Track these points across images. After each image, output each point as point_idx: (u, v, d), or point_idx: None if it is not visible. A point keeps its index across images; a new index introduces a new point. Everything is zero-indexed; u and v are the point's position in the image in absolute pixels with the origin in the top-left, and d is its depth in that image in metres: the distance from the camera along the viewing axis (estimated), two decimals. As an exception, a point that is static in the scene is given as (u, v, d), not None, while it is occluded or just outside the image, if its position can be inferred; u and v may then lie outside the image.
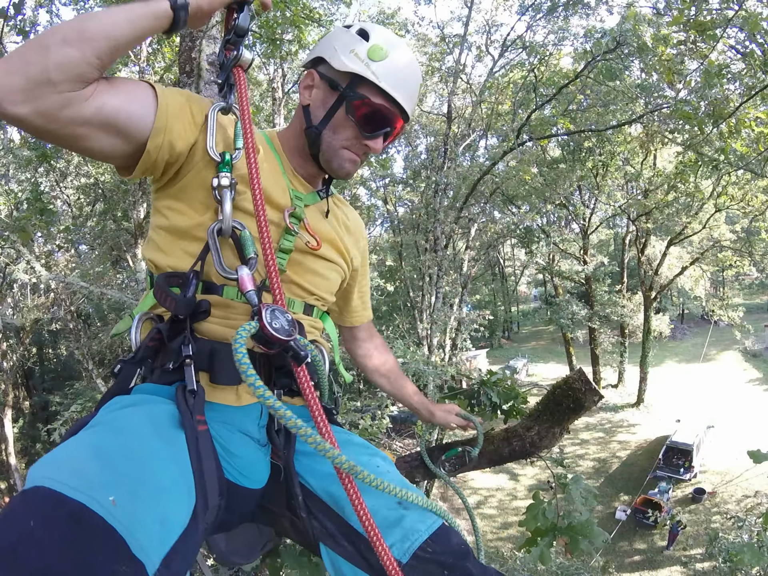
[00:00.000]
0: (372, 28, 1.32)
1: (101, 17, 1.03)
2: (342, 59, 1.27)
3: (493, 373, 2.19)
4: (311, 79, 1.34)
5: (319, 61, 1.34)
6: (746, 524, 7.25)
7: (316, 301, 1.45)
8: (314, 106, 1.33)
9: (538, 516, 1.96)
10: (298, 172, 1.40)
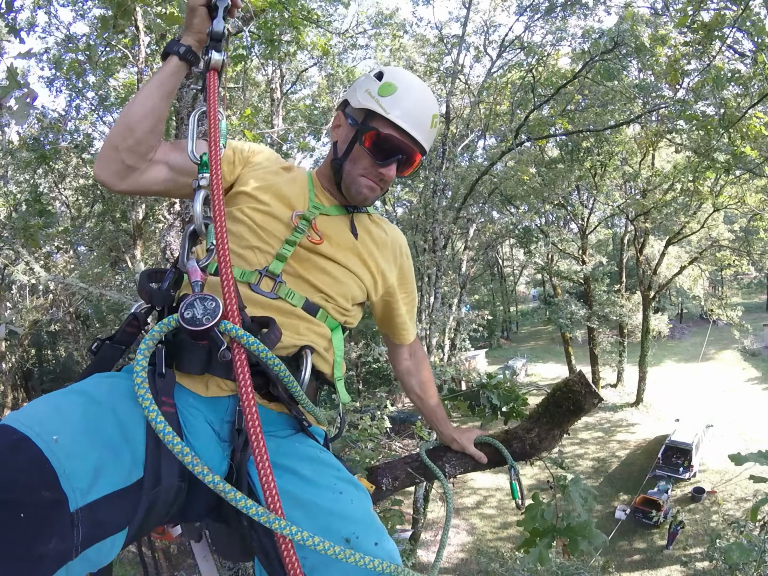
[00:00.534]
0: (388, 70, 1.52)
1: (136, 101, 1.36)
2: (358, 98, 1.49)
3: (493, 376, 2.20)
4: (339, 119, 1.57)
5: (346, 103, 1.55)
6: (747, 528, 7.29)
7: (325, 301, 1.48)
8: (340, 142, 1.54)
9: (537, 517, 1.97)
10: (325, 188, 1.61)
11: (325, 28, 12.29)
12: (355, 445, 6.13)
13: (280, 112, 16.18)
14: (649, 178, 20.86)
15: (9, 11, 3.24)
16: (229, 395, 1.28)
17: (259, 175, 1.55)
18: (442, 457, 1.98)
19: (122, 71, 14.28)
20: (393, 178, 1.52)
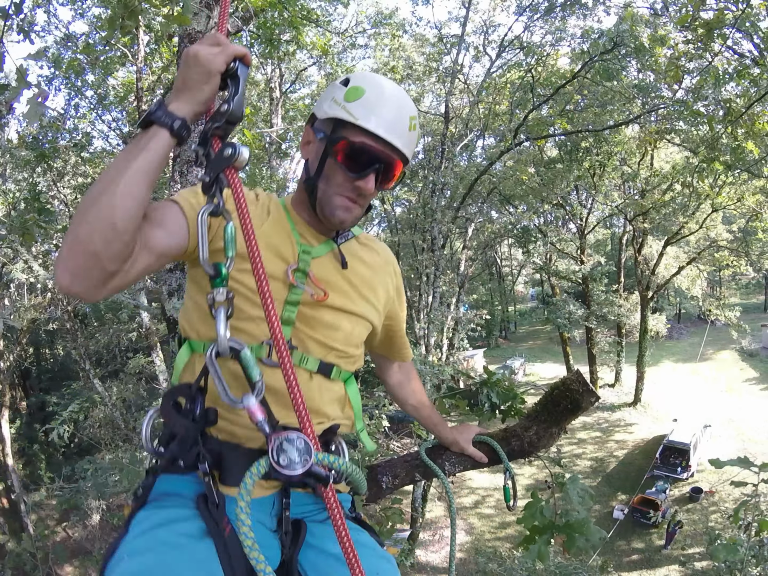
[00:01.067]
0: (355, 75, 1.35)
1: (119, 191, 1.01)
2: (324, 108, 1.32)
3: (493, 374, 2.21)
4: (308, 135, 1.39)
5: (314, 117, 1.38)
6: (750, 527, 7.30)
7: (338, 358, 1.40)
8: (311, 160, 1.37)
9: (536, 514, 1.98)
10: (309, 224, 1.42)
11: (325, 28, 12.30)
12: (354, 445, 6.14)
13: (279, 111, 16.19)
14: (648, 179, 20.89)
15: (18, 12, 3.24)
16: (273, 493, 1.29)
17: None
18: (441, 455, 1.99)
19: (121, 70, 14.28)
20: (373, 192, 1.34)
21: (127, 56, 11.99)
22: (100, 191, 1.01)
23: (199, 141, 1.15)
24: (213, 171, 1.11)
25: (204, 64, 1.07)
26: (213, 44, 1.10)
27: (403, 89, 1.42)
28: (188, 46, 3.74)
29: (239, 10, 5.09)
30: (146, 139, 1.06)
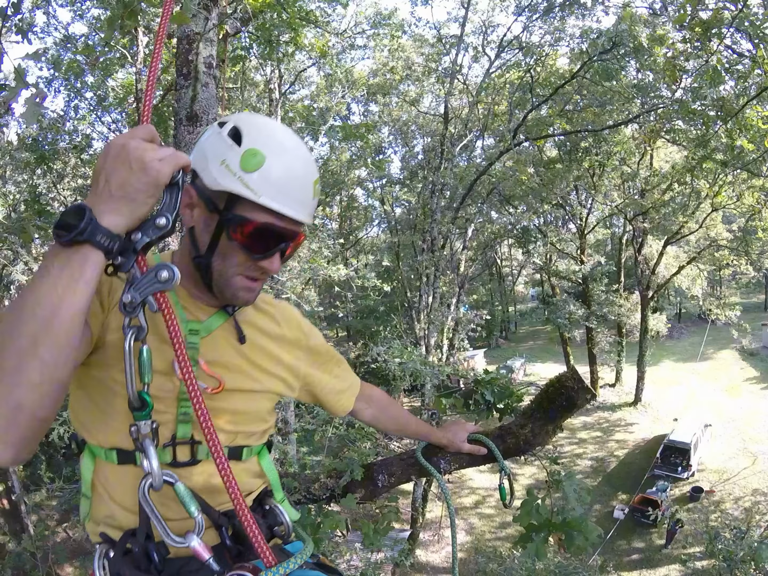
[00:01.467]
0: (247, 126, 1.10)
1: (58, 343, 0.84)
2: (213, 175, 1.07)
3: (488, 372, 2.22)
4: (190, 195, 1.11)
5: (194, 173, 1.12)
6: (757, 526, 7.32)
7: (246, 439, 1.30)
8: (198, 230, 1.13)
9: (532, 512, 1.98)
10: (194, 296, 1.22)
11: (324, 29, 12.31)
12: (353, 444, 6.14)
13: (279, 112, 16.18)
14: (648, 178, 20.90)
15: (16, 13, 3.25)
16: None
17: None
18: (437, 453, 1.99)
19: (120, 71, 14.30)
20: (278, 271, 1.19)
21: (127, 57, 12.02)
22: (35, 341, 0.82)
23: (119, 250, 0.93)
24: (141, 293, 0.95)
25: (152, 174, 0.89)
26: (154, 145, 0.92)
27: (302, 143, 1.20)
28: (186, 47, 3.77)
29: (238, 12, 5.09)
30: (79, 264, 0.86)
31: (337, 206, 28.64)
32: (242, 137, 1.08)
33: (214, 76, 3.85)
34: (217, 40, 4.07)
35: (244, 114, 1.23)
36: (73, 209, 0.86)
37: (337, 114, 18.62)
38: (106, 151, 0.91)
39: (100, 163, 0.90)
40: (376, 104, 22.32)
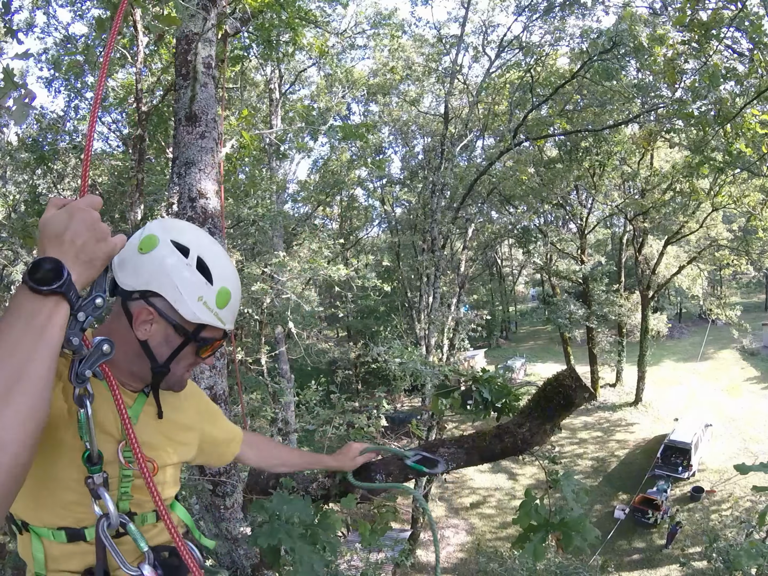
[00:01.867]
0: (209, 259, 1.25)
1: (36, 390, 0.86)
2: (192, 309, 1.22)
3: (486, 371, 2.21)
4: (148, 314, 1.21)
5: (154, 295, 1.21)
6: (755, 529, 7.31)
7: (170, 500, 1.47)
8: (156, 343, 1.24)
9: (531, 512, 1.98)
10: (123, 383, 1.30)
11: (324, 29, 12.30)
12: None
13: (279, 112, 16.20)
14: (648, 178, 20.88)
15: (7, 13, 3.24)
16: None
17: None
18: (434, 453, 1.99)
19: (121, 72, 14.29)
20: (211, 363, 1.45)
21: (127, 58, 12.00)
22: (9, 388, 0.82)
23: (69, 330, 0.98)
24: (91, 366, 1.06)
25: (111, 246, 1.00)
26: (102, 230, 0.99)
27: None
28: (185, 47, 3.77)
29: (237, 12, 5.09)
30: (50, 313, 0.90)
31: (338, 206, 28.63)
32: (210, 273, 1.25)
33: (213, 76, 3.84)
34: (217, 40, 4.06)
35: (190, 233, 1.29)
36: (49, 262, 0.90)
37: (338, 114, 18.63)
38: (70, 212, 0.96)
39: (63, 221, 0.95)
40: (376, 104, 22.34)
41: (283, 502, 1.84)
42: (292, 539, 1.77)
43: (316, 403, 7.87)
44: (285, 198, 19.48)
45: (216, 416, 1.69)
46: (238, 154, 9.07)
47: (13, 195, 14.24)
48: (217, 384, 3.53)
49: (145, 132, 11.57)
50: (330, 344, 22.37)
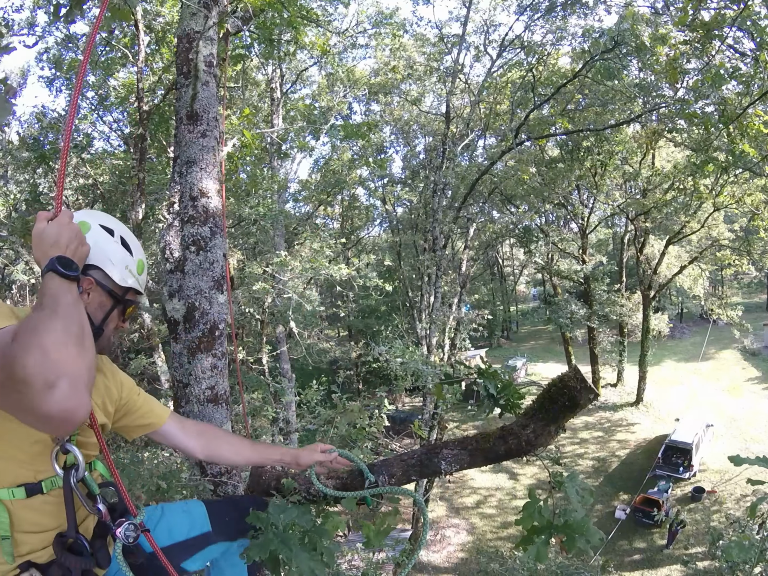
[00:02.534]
0: (126, 236, 1.62)
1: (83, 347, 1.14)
2: (121, 275, 1.56)
3: (490, 366, 2.19)
4: (89, 283, 1.50)
5: (92, 267, 1.51)
6: (748, 526, 7.29)
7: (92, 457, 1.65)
8: (92, 308, 1.51)
9: (534, 514, 1.96)
10: None
11: (325, 28, 12.28)
12: (354, 445, 6.12)
13: (280, 111, 16.18)
14: (650, 178, 20.85)
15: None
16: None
17: None
18: (437, 454, 1.98)
19: (122, 71, 14.29)
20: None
21: (128, 57, 12.01)
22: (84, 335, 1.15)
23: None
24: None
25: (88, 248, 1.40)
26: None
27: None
28: (186, 45, 3.75)
29: (239, 10, 5.07)
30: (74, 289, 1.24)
31: (339, 206, 28.62)
32: (130, 247, 1.62)
33: (215, 74, 3.83)
34: (218, 39, 4.05)
35: (110, 219, 1.65)
36: (66, 259, 1.25)
37: (339, 113, 18.61)
38: (60, 225, 1.32)
39: (56, 232, 1.31)
40: (377, 103, 22.32)
41: (279, 511, 1.83)
42: (288, 548, 1.76)
43: (317, 403, 7.87)
44: (286, 197, 19.47)
45: (138, 390, 1.86)
46: (239, 153, 9.05)
47: (14, 194, 14.23)
48: (219, 384, 3.52)
49: (146, 131, 11.58)
50: (331, 344, 22.37)
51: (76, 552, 1.45)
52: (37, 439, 1.36)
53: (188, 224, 3.51)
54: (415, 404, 27.80)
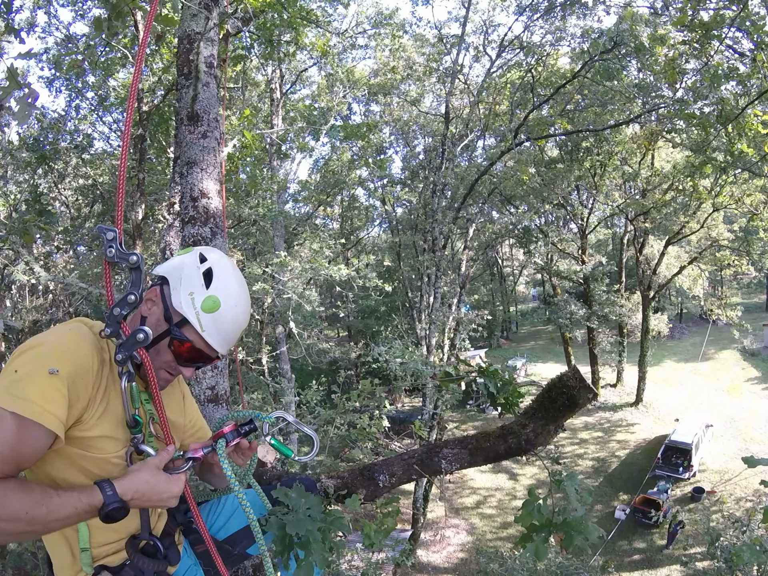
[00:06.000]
0: (218, 272, 1.47)
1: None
2: (180, 298, 1.43)
3: (490, 365, 2.20)
4: (155, 295, 1.47)
5: (164, 281, 1.47)
6: (749, 527, 7.29)
7: None
8: (151, 322, 1.45)
9: (534, 512, 1.97)
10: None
11: (325, 28, 12.29)
12: (355, 445, 6.13)
13: (280, 112, 16.19)
14: (649, 178, 20.86)
15: (9, 12, 3.24)
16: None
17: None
18: (438, 454, 1.99)
19: (122, 71, 14.29)
20: (189, 377, 1.62)
21: (128, 57, 12.00)
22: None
23: (108, 323, 1.36)
24: (127, 350, 1.34)
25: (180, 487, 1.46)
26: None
27: (248, 295, 1.59)
28: (187, 46, 3.76)
29: (239, 11, 5.09)
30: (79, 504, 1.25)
31: (338, 206, 28.63)
32: (212, 281, 1.45)
33: (215, 75, 3.84)
34: (218, 40, 4.06)
35: (221, 257, 1.54)
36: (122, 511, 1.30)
37: (339, 114, 18.61)
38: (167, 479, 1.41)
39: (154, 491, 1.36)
40: (377, 104, 22.33)
41: (301, 496, 1.84)
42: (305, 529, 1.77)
43: (316, 403, 7.87)
44: (286, 198, 19.48)
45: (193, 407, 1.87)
46: (239, 153, 9.06)
47: (14, 194, 14.22)
48: (219, 384, 3.53)
49: (146, 132, 11.58)
50: (331, 344, 22.34)
51: (149, 554, 1.50)
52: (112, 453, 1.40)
53: (189, 225, 3.52)
54: (414, 404, 27.79)
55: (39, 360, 1.23)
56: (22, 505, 1.14)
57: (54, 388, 1.22)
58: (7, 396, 1.17)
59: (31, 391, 1.18)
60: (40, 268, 10.00)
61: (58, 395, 1.22)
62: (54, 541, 1.45)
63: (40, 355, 1.25)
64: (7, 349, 17.59)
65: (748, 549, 3.95)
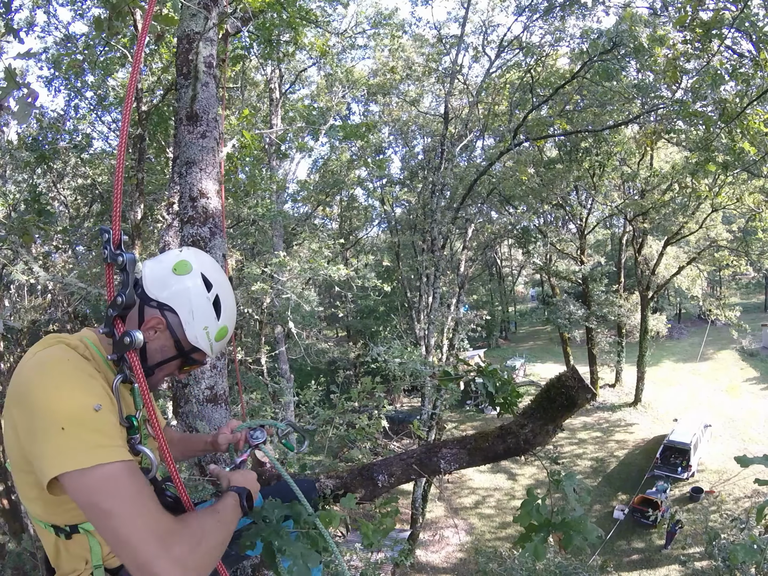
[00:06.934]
0: (224, 297, 1.55)
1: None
2: (195, 333, 1.48)
3: (489, 365, 2.20)
4: (157, 322, 1.46)
5: (170, 310, 1.46)
6: (747, 526, 7.31)
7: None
8: (152, 349, 1.47)
9: (532, 512, 1.97)
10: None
11: (324, 28, 12.29)
12: (354, 445, 6.13)
13: (279, 112, 16.19)
14: (648, 179, 20.87)
15: (8, 12, 3.24)
16: None
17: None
18: (436, 454, 1.99)
19: (121, 71, 14.28)
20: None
21: (127, 57, 11.99)
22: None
23: (105, 323, 1.40)
24: (118, 352, 1.35)
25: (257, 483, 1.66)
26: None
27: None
28: (186, 46, 3.76)
29: (238, 11, 5.09)
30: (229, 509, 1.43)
31: (337, 206, 28.64)
32: (221, 311, 1.54)
33: (215, 75, 3.84)
34: (218, 40, 4.06)
35: (218, 273, 1.59)
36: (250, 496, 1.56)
37: (338, 114, 18.62)
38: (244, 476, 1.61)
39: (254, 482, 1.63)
40: (376, 104, 22.34)
41: (273, 507, 1.83)
42: (282, 538, 1.76)
43: (315, 403, 7.86)
44: (285, 198, 19.47)
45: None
46: (239, 153, 9.06)
47: (13, 194, 14.20)
48: (218, 384, 3.53)
49: (144, 131, 11.57)
50: (330, 344, 22.34)
51: None
52: None
53: (188, 225, 3.52)
54: (413, 404, 27.81)
55: (74, 403, 1.18)
56: (217, 533, 1.29)
57: (110, 423, 1.23)
58: (84, 455, 1.13)
59: (97, 438, 1.16)
60: (39, 267, 9.99)
61: (115, 430, 1.24)
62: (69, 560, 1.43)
63: (71, 398, 1.18)
64: (6, 348, 17.58)
65: (743, 548, 3.96)
